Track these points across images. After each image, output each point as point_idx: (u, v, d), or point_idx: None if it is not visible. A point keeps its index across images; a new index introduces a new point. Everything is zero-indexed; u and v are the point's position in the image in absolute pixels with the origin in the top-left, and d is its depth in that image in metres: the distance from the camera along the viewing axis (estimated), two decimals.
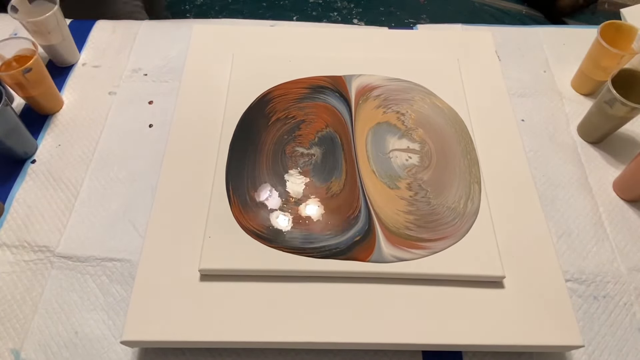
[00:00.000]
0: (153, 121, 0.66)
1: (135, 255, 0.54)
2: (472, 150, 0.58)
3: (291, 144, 0.57)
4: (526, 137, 0.64)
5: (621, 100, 0.57)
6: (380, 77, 0.64)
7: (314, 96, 0.62)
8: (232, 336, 0.46)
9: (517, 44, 0.76)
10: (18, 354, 0.49)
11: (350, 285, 0.49)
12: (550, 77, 0.73)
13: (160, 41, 0.75)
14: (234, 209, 0.52)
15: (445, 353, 0.50)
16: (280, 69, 0.64)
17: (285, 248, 0.49)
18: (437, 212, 0.53)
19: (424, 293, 0.49)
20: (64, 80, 0.70)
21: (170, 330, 0.46)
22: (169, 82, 0.70)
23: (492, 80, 0.66)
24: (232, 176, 0.54)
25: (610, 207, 0.60)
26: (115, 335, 0.50)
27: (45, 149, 0.63)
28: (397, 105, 0.61)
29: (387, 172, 0.55)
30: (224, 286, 0.48)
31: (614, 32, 0.65)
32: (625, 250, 0.57)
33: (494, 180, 0.56)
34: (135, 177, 0.61)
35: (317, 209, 0.52)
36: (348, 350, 0.50)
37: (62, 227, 0.57)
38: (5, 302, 0.52)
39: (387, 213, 0.52)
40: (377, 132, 0.59)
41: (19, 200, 0.59)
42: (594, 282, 0.55)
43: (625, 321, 0.52)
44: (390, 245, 0.50)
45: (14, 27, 0.76)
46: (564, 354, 0.51)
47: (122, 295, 0.53)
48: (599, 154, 0.65)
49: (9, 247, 0.55)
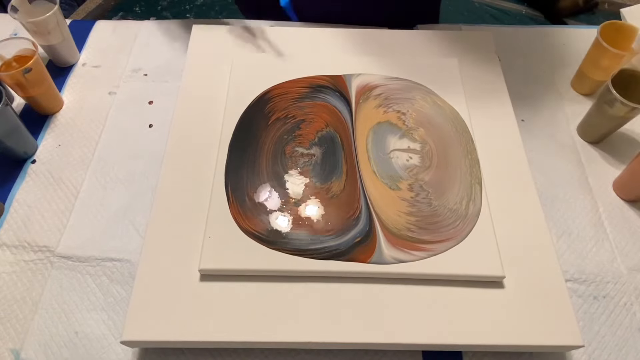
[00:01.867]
0: (153, 121, 0.66)
1: (135, 255, 0.54)
2: (472, 151, 0.57)
3: (291, 143, 0.57)
4: (526, 137, 0.64)
5: (621, 100, 0.57)
6: (381, 76, 0.64)
7: (314, 95, 0.62)
8: (232, 336, 0.46)
9: (517, 44, 0.76)
10: (18, 354, 0.49)
11: (350, 285, 0.49)
12: (550, 77, 0.73)
13: (160, 41, 0.75)
14: (232, 210, 0.52)
15: (445, 353, 0.50)
16: (280, 69, 0.64)
17: (284, 250, 0.49)
18: (438, 213, 0.52)
19: (424, 293, 0.48)
20: (64, 80, 0.70)
21: (170, 330, 0.46)
22: (169, 82, 0.70)
23: (492, 80, 0.66)
24: (231, 177, 0.54)
25: (610, 207, 0.60)
26: (115, 335, 0.50)
27: (45, 149, 0.63)
28: (397, 104, 0.61)
29: (387, 173, 0.55)
30: (224, 286, 0.48)
31: (614, 32, 0.65)
32: (625, 250, 0.57)
33: (494, 180, 0.56)
34: (135, 177, 0.61)
35: (317, 210, 0.52)
36: (348, 350, 0.50)
37: (62, 227, 0.57)
38: (5, 302, 0.52)
39: (388, 214, 0.52)
40: (377, 131, 0.58)
41: (19, 200, 0.59)
42: (594, 282, 0.55)
43: (625, 321, 0.52)
44: (391, 246, 0.50)
45: (14, 27, 0.76)
46: (564, 354, 0.51)
47: (122, 295, 0.53)
48: (599, 154, 0.65)
49: (9, 247, 0.55)
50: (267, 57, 0.66)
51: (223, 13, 1.73)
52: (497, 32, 0.76)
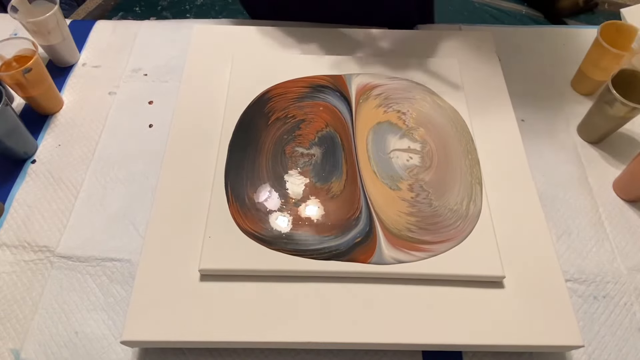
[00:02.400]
0: (153, 121, 0.66)
1: (135, 255, 0.54)
2: (473, 150, 0.57)
3: (291, 143, 0.57)
4: (526, 137, 0.63)
5: (621, 100, 0.57)
6: (381, 76, 0.64)
7: (313, 95, 0.62)
8: (232, 336, 0.46)
9: (517, 44, 0.76)
10: (18, 354, 0.49)
11: (350, 285, 0.49)
12: (550, 77, 0.72)
13: (160, 41, 0.75)
14: (232, 210, 0.52)
15: (445, 353, 0.50)
16: (280, 69, 0.64)
17: (284, 250, 0.49)
18: (439, 214, 0.52)
19: (424, 293, 0.48)
20: (64, 80, 0.70)
21: (170, 330, 0.46)
22: (169, 82, 0.70)
23: (492, 80, 0.66)
24: (231, 177, 0.54)
25: (610, 207, 0.60)
26: (115, 335, 0.50)
27: (45, 149, 0.63)
28: (398, 104, 0.61)
29: (388, 173, 0.55)
30: (224, 286, 0.48)
31: (614, 32, 0.65)
32: (625, 250, 0.57)
33: (494, 180, 0.56)
34: (135, 177, 0.61)
35: (317, 210, 0.52)
36: (348, 350, 0.50)
37: (62, 227, 0.57)
38: (5, 302, 0.52)
39: (389, 214, 0.52)
40: (377, 131, 0.58)
41: (19, 200, 0.59)
42: (594, 282, 0.55)
43: (625, 321, 0.52)
44: (391, 247, 0.50)
45: (14, 27, 0.76)
46: (564, 354, 0.51)
47: (122, 295, 0.53)
48: (599, 154, 0.65)
49: (9, 247, 0.55)
50: (267, 57, 0.66)
51: (223, 13, 1.73)
52: (497, 32, 0.76)
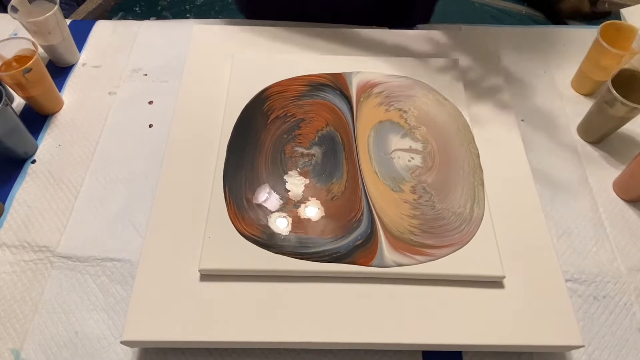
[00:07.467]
0: (153, 121, 0.66)
1: (135, 255, 0.54)
2: (474, 150, 0.57)
3: (291, 143, 0.57)
4: (526, 137, 0.63)
5: (621, 100, 0.57)
6: (382, 74, 0.64)
7: (313, 94, 0.61)
8: (232, 336, 0.46)
9: (517, 44, 0.76)
10: (18, 354, 0.49)
11: (350, 286, 0.49)
12: (550, 77, 0.72)
13: (160, 41, 0.75)
14: (230, 214, 0.51)
15: (445, 353, 0.50)
16: (280, 69, 0.64)
17: (283, 253, 0.49)
18: (442, 217, 0.52)
19: (424, 293, 0.48)
20: (64, 80, 0.70)
21: (170, 330, 0.46)
22: (169, 82, 0.70)
23: (492, 81, 0.66)
24: (230, 178, 0.54)
25: (610, 207, 0.60)
26: (115, 335, 0.50)
27: (45, 149, 0.63)
28: (399, 102, 0.61)
29: (390, 174, 0.54)
30: (224, 286, 0.48)
31: (614, 32, 0.65)
32: (625, 250, 0.57)
33: (494, 180, 0.56)
34: (135, 177, 0.61)
35: (318, 212, 0.52)
36: (348, 350, 0.50)
37: (62, 227, 0.57)
38: (5, 302, 0.52)
39: (391, 217, 0.51)
40: (379, 131, 0.58)
41: (19, 200, 0.59)
42: (594, 282, 0.54)
43: (625, 321, 0.52)
44: (393, 250, 0.49)
45: (14, 27, 0.76)
46: (564, 354, 0.51)
47: (122, 295, 0.53)
48: (599, 154, 0.65)
49: (9, 247, 0.55)
50: (267, 57, 0.66)
51: (223, 13, 1.73)
52: (497, 32, 0.76)
